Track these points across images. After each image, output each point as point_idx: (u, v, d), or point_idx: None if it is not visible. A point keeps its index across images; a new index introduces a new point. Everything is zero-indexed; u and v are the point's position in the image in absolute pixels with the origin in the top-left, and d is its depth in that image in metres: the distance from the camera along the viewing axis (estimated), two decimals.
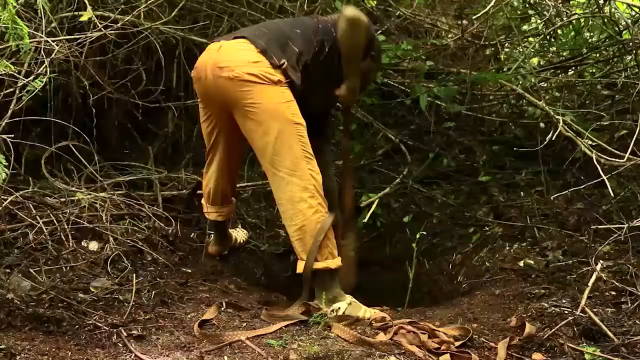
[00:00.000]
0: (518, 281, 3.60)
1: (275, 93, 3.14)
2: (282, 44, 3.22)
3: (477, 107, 5.11)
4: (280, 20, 4.12)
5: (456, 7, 5.49)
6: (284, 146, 3.13)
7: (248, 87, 3.13)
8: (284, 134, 3.12)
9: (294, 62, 3.19)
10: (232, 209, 3.80)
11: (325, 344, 2.71)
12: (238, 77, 3.13)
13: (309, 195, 3.14)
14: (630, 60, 5.03)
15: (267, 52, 3.15)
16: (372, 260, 4.51)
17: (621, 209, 4.01)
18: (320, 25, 3.35)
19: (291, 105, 3.16)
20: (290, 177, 3.14)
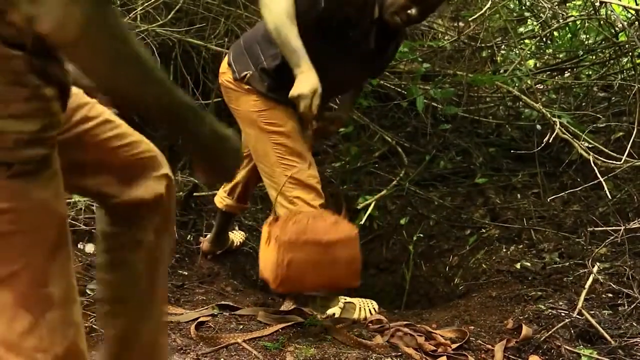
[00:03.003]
0: (515, 283, 3.60)
1: (246, 102, 3.12)
2: (252, 51, 3.12)
3: (473, 109, 5.12)
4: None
5: (452, 9, 5.50)
6: (261, 153, 3.13)
7: (229, 93, 3.18)
8: (260, 142, 3.12)
9: (266, 65, 3.06)
10: (241, 209, 3.81)
11: (321, 346, 2.71)
12: (222, 84, 3.20)
13: (286, 201, 3.13)
14: (626, 62, 5.04)
15: (231, 65, 3.13)
16: (368, 262, 4.51)
17: (618, 211, 4.01)
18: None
19: (265, 114, 3.08)
20: (270, 182, 3.15)
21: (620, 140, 4.59)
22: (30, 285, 1.34)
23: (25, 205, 1.29)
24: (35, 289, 1.34)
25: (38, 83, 1.25)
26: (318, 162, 3.41)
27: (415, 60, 4.99)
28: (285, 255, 2.72)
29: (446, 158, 5.04)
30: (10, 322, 1.35)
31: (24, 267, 1.32)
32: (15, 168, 1.24)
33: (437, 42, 5.29)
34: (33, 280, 1.34)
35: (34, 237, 1.33)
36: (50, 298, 1.37)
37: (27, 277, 1.33)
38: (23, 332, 1.35)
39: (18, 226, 1.29)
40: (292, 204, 3.11)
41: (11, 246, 1.30)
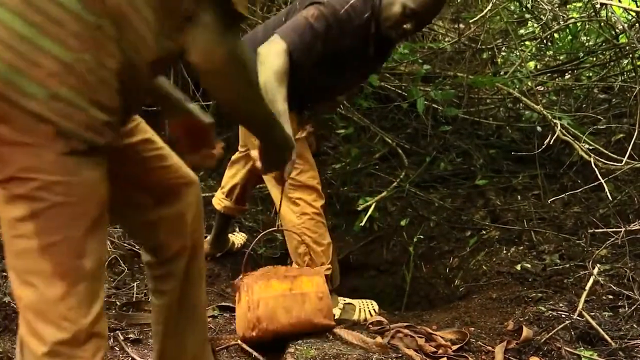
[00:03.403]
0: (515, 285, 3.60)
1: None
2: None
3: (474, 110, 5.11)
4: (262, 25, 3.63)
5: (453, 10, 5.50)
6: None
7: None
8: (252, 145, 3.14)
9: None
10: (240, 211, 3.81)
11: (322, 347, 2.70)
12: None
13: (289, 202, 3.14)
14: (626, 64, 5.04)
15: None
16: (369, 263, 4.51)
17: (618, 213, 4.01)
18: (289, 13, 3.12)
19: None
20: (272, 183, 3.16)
21: (621, 142, 4.59)
22: (67, 256, 1.45)
23: (75, 180, 1.42)
24: (71, 260, 1.45)
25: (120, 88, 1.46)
26: (318, 164, 3.41)
27: (416, 62, 4.99)
28: (253, 297, 2.72)
29: (446, 159, 5.04)
30: (45, 288, 1.45)
31: (64, 238, 1.44)
32: (73, 145, 1.40)
33: (438, 44, 5.29)
34: (71, 252, 1.45)
35: (78, 210, 1.45)
36: (83, 270, 1.47)
37: (66, 248, 1.45)
38: (55, 299, 1.45)
39: (67, 199, 1.42)
40: (295, 205, 3.13)
41: (57, 217, 1.42)
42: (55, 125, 1.38)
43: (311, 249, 3.16)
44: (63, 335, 1.45)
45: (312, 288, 2.80)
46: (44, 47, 1.36)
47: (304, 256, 3.15)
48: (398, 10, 2.93)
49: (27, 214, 1.42)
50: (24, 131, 1.37)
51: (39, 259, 1.43)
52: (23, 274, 1.47)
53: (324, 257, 3.21)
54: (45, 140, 1.38)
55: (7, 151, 1.39)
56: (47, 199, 1.41)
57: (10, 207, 1.43)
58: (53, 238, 1.43)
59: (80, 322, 1.47)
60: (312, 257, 3.17)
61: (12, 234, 1.45)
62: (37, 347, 1.47)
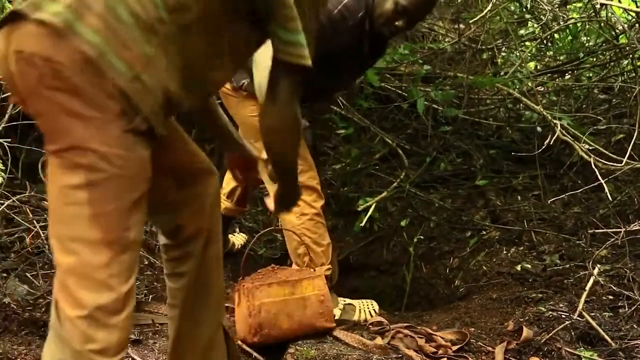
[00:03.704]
0: (515, 285, 3.60)
1: (245, 107, 3.17)
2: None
3: (474, 111, 5.11)
4: None
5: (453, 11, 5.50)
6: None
7: (228, 100, 3.22)
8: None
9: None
10: (240, 212, 3.81)
11: (322, 348, 2.71)
12: (220, 91, 3.19)
13: None
14: (626, 64, 5.04)
15: None
16: (369, 264, 4.50)
17: (618, 213, 4.01)
18: None
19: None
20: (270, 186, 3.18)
21: (621, 143, 4.59)
22: (116, 225, 1.54)
23: (132, 156, 1.54)
24: (119, 230, 1.55)
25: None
26: (318, 164, 3.42)
27: (416, 62, 4.99)
28: (254, 302, 2.72)
29: (447, 160, 5.03)
30: (90, 255, 1.53)
31: (115, 209, 1.54)
32: (136, 124, 1.52)
33: (438, 44, 5.29)
34: (119, 222, 1.55)
35: (130, 184, 1.55)
36: (128, 240, 1.56)
37: (115, 218, 1.54)
38: (99, 266, 1.53)
39: (123, 172, 1.53)
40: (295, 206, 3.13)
41: (112, 187, 1.52)
42: (131, 104, 1.50)
43: (311, 250, 3.16)
44: (102, 300, 1.52)
45: (312, 291, 2.80)
46: (136, 36, 1.51)
47: (303, 257, 3.15)
48: (390, 7, 2.92)
49: (83, 182, 1.50)
50: (94, 105, 1.47)
51: (89, 226, 1.51)
52: (68, 240, 1.54)
53: (324, 258, 3.22)
54: (112, 116, 1.49)
55: (72, 122, 1.49)
56: (106, 170, 1.50)
57: (66, 175, 1.52)
58: (105, 207, 1.52)
59: (119, 290, 1.55)
60: (311, 258, 3.18)
61: (64, 201, 1.53)
62: (73, 311, 1.52)
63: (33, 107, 1.54)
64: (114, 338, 1.55)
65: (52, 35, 1.46)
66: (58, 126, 1.50)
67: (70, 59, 1.46)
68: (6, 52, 1.51)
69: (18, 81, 1.52)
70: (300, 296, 2.78)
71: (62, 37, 1.45)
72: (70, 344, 1.54)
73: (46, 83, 1.47)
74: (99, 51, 1.46)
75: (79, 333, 1.52)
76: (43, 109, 1.51)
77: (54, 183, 1.56)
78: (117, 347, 1.56)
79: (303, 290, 2.79)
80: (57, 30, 1.45)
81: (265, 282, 2.77)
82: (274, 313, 2.72)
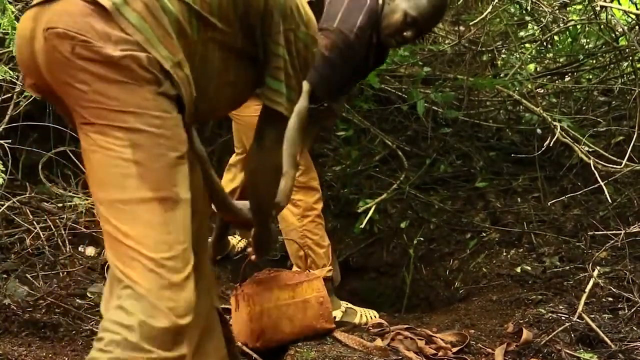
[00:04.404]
0: (515, 287, 3.60)
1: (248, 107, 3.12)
2: None
3: (474, 113, 5.11)
4: None
5: (453, 13, 5.50)
6: None
7: None
8: None
9: None
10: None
11: (322, 350, 2.71)
12: None
13: (289, 204, 3.15)
14: (626, 66, 5.04)
15: None
16: (369, 265, 4.51)
17: (618, 215, 4.01)
18: None
19: None
20: None
21: (621, 145, 4.59)
22: (166, 182, 1.58)
23: (169, 117, 1.59)
24: (169, 186, 1.59)
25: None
26: (318, 165, 3.42)
27: (416, 64, 4.99)
28: (255, 307, 2.69)
29: (446, 162, 5.03)
30: (146, 214, 1.55)
31: (161, 167, 1.57)
32: (164, 87, 1.57)
33: (438, 46, 5.29)
34: (168, 178, 1.59)
35: (171, 143, 1.59)
36: (178, 197, 1.59)
37: (164, 174, 1.58)
38: (155, 224, 1.55)
39: (163, 131, 1.57)
40: (296, 207, 3.14)
41: (155, 146, 1.56)
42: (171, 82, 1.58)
43: (313, 251, 3.16)
44: (163, 256, 1.54)
45: (312, 293, 2.79)
46: (175, 28, 1.60)
47: (304, 259, 3.15)
48: (399, 18, 2.95)
49: (127, 143, 1.54)
50: (127, 74, 1.53)
51: (140, 185, 1.54)
52: (120, 203, 1.56)
53: (325, 259, 3.22)
54: (144, 82, 1.54)
55: (107, 88, 1.54)
56: (145, 130, 1.54)
57: (108, 140, 1.55)
58: (152, 165, 1.56)
59: (177, 247, 1.56)
60: (313, 260, 3.18)
61: (111, 164, 1.55)
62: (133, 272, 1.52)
63: (62, 81, 1.57)
64: (181, 297, 1.55)
65: (97, 13, 1.53)
66: (91, 96, 1.54)
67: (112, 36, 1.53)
68: (32, 33, 1.57)
69: (46, 58, 1.56)
70: (300, 299, 2.76)
71: (108, 18, 1.53)
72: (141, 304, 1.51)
73: (79, 54, 1.52)
74: (144, 36, 1.55)
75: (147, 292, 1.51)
76: (75, 80, 1.54)
77: (95, 152, 1.57)
78: (186, 307, 1.56)
79: (303, 293, 2.78)
80: (104, 10, 1.53)
81: (265, 287, 2.74)
82: (276, 317, 2.70)
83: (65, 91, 1.59)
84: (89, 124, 1.57)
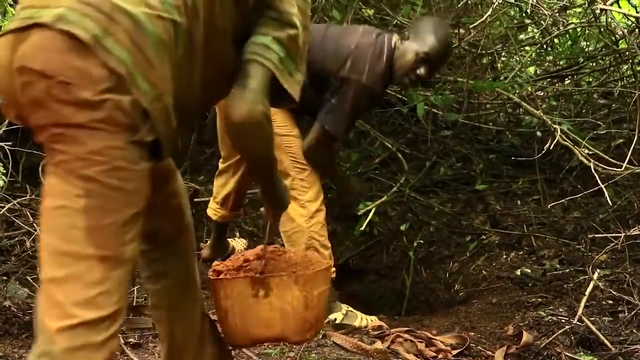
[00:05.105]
0: (515, 290, 3.61)
1: None
2: None
3: (474, 115, 5.11)
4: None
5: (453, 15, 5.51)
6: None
7: None
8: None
9: None
10: (236, 216, 3.81)
11: (322, 352, 2.71)
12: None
13: (297, 205, 3.17)
14: (626, 69, 5.05)
15: None
16: (368, 268, 4.51)
17: (618, 218, 4.01)
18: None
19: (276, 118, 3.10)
20: None
21: (621, 147, 4.59)
22: (113, 240, 1.50)
23: (134, 169, 1.51)
24: (115, 246, 1.50)
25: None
26: None
27: None
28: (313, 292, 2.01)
29: (446, 164, 5.04)
30: (84, 270, 1.47)
31: (112, 223, 1.49)
32: (140, 135, 1.50)
33: None
34: (116, 237, 1.50)
35: (130, 198, 1.52)
36: (123, 257, 1.52)
37: (112, 232, 1.50)
38: (91, 283, 1.48)
39: (125, 185, 1.49)
40: (303, 208, 3.16)
41: (111, 200, 1.49)
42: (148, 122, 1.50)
43: (319, 253, 3.16)
44: (89, 316, 1.47)
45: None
46: (160, 56, 1.52)
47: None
48: (412, 57, 3.15)
49: (82, 193, 1.46)
50: (102, 119, 1.45)
51: (84, 239, 1.47)
52: (60, 254, 1.49)
53: (330, 260, 3.23)
54: (118, 128, 1.46)
55: (77, 133, 1.46)
56: (106, 182, 1.47)
57: (65, 185, 1.48)
58: (102, 220, 1.48)
59: (107, 309, 1.49)
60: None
61: (61, 212, 1.49)
62: (56, 324, 1.46)
63: (35, 119, 1.50)
64: (98, 357, 1.49)
65: (76, 48, 1.44)
66: (61, 138, 1.48)
67: (94, 74, 1.44)
68: (10, 63, 1.48)
69: (21, 93, 1.48)
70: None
71: (87, 52, 1.44)
72: None
73: (55, 95, 1.44)
74: (127, 69, 1.46)
75: (62, 350, 1.46)
76: (48, 121, 1.48)
77: (51, 194, 1.51)
78: None
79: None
80: (84, 45, 1.44)
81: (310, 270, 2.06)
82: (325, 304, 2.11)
83: (37, 128, 1.52)
84: (53, 164, 1.51)
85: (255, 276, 1.98)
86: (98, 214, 1.48)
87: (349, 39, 3.21)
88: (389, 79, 3.23)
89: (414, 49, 3.15)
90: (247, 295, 1.97)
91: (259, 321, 1.97)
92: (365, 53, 3.14)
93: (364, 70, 3.11)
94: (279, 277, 1.97)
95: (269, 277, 1.97)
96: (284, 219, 3.22)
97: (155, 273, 1.98)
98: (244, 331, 2.00)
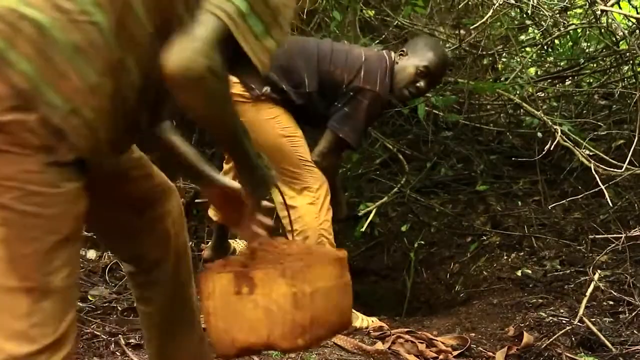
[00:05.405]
0: (516, 290, 3.61)
1: (260, 110, 3.21)
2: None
3: (474, 116, 5.12)
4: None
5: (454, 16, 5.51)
6: (279, 158, 3.26)
7: (239, 106, 3.21)
8: (278, 148, 3.25)
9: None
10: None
11: (323, 353, 2.71)
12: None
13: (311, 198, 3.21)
14: (627, 70, 5.05)
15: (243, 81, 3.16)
16: (369, 269, 4.51)
17: (619, 219, 4.02)
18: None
19: (281, 120, 3.22)
20: (292, 184, 3.23)
21: (621, 148, 4.60)
22: (35, 270, 1.38)
23: (53, 192, 1.38)
24: (39, 275, 1.39)
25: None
26: None
27: None
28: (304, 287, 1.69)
29: (447, 165, 5.04)
30: (8, 302, 1.38)
31: (34, 252, 1.38)
32: (58, 155, 1.36)
33: None
34: (40, 266, 1.39)
35: (52, 224, 1.39)
36: (50, 287, 1.40)
37: (35, 261, 1.38)
38: (18, 315, 1.38)
39: (42, 210, 1.37)
40: (313, 205, 3.18)
41: (30, 228, 1.37)
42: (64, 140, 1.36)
43: None
44: (22, 351, 1.38)
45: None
46: (77, 64, 1.36)
47: None
48: (412, 71, 3.29)
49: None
50: (11, 141, 1.33)
51: (5, 271, 1.37)
52: None
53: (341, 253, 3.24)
54: (31, 150, 1.34)
55: None
56: (22, 209, 1.36)
57: None
58: (22, 250, 1.37)
59: (42, 342, 1.40)
60: None
61: None
62: None
63: None
64: None
65: None
66: None
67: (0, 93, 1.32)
68: None
69: None
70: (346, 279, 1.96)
71: None
72: None
73: None
74: (31, 83, 1.32)
75: None
76: None
77: None
78: None
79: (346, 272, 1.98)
80: None
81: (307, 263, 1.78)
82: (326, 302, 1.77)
83: None
84: None
85: (237, 270, 1.67)
86: (17, 244, 1.37)
87: (358, 51, 3.34)
88: (390, 91, 3.34)
89: (414, 63, 3.29)
90: (230, 293, 1.63)
91: (243, 324, 1.63)
92: (375, 65, 3.27)
93: (376, 80, 3.23)
94: (264, 270, 1.65)
95: (252, 270, 1.65)
96: (295, 216, 3.22)
97: (142, 297, 1.92)
98: (228, 337, 1.66)
